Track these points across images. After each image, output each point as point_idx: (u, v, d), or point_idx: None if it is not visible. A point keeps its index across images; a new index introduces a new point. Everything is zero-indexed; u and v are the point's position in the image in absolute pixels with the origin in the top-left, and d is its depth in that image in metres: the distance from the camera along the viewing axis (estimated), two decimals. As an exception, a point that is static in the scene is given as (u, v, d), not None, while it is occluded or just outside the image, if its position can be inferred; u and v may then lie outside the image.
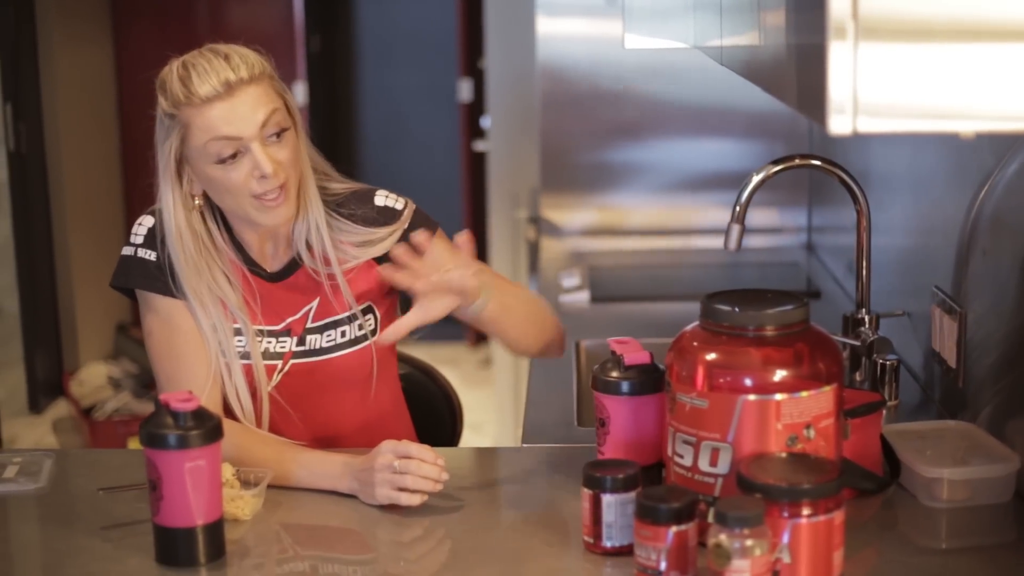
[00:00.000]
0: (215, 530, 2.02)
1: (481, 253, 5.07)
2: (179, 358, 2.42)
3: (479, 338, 7.49)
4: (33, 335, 6.61)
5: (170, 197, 2.42)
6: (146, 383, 6.46)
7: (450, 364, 7.03)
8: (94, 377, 6.54)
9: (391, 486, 2.18)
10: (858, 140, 3.34)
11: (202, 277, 2.42)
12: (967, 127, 1.46)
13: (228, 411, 2.44)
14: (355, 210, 2.52)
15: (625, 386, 2.14)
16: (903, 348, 2.86)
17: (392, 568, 2.08)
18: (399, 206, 2.54)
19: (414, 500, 2.18)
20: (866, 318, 2.83)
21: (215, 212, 2.47)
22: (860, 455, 2.15)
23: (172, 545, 2.01)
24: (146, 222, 2.48)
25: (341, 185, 2.55)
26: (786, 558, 1.81)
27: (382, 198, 2.54)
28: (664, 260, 4.26)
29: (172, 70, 2.41)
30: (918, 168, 2.86)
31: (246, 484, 2.21)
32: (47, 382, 6.72)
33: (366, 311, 2.54)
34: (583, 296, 3.73)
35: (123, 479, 2.33)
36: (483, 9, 5.48)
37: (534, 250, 4.63)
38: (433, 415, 2.97)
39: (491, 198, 5.51)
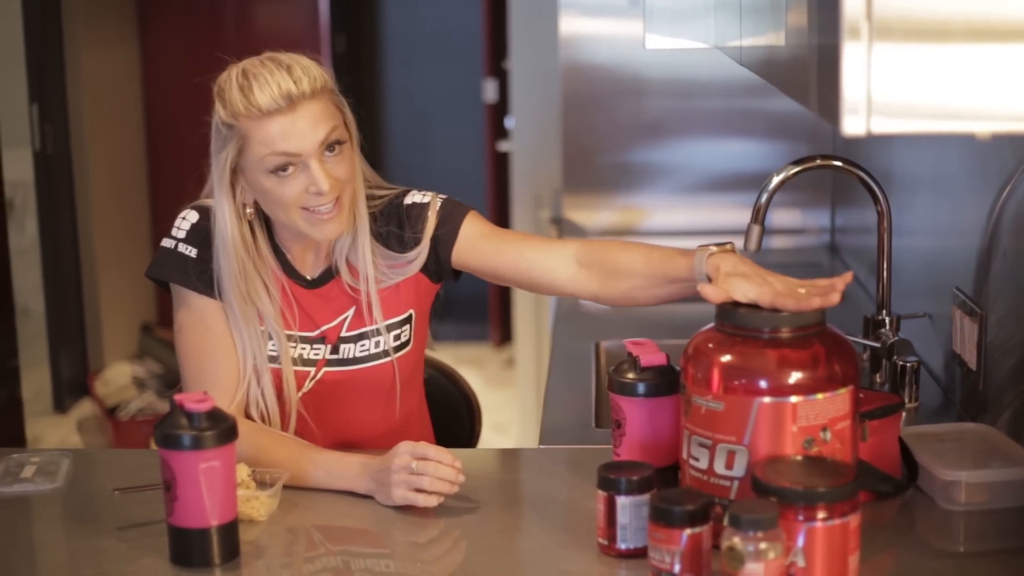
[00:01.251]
0: (230, 531, 2.02)
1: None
2: (208, 358, 2.42)
3: (503, 339, 7.49)
4: (58, 335, 6.63)
5: (225, 206, 2.38)
6: (170, 383, 6.47)
7: (474, 365, 7.03)
8: (119, 377, 6.56)
9: (408, 487, 2.17)
10: (881, 141, 3.33)
11: (243, 285, 2.40)
12: (982, 127, 1.45)
13: (252, 416, 2.44)
14: (391, 224, 2.49)
15: (641, 387, 2.13)
16: (924, 350, 2.85)
17: (408, 569, 2.07)
18: (426, 200, 2.51)
19: (431, 501, 2.18)
20: (886, 320, 2.82)
21: (261, 218, 2.44)
22: (878, 457, 2.14)
23: (186, 546, 2.01)
24: (190, 217, 2.45)
25: (380, 191, 2.53)
26: (800, 562, 1.80)
27: (410, 197, 2.52)
28: (686, 261, 4.23)
29: (231, 78, 2.36)
30: (940, 169, 2.84)
31: (262, 485, 2.21)
32: (72, 382, 6.74)
33: (404, 321, 2.52)
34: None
35: (140, 479, 2.33)
36: (507, 9, 5.48)
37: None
38: (452, 416, 2.97)
39: (514, 198, 5.50)
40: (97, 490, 2.39)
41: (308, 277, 2.49)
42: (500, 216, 6.90)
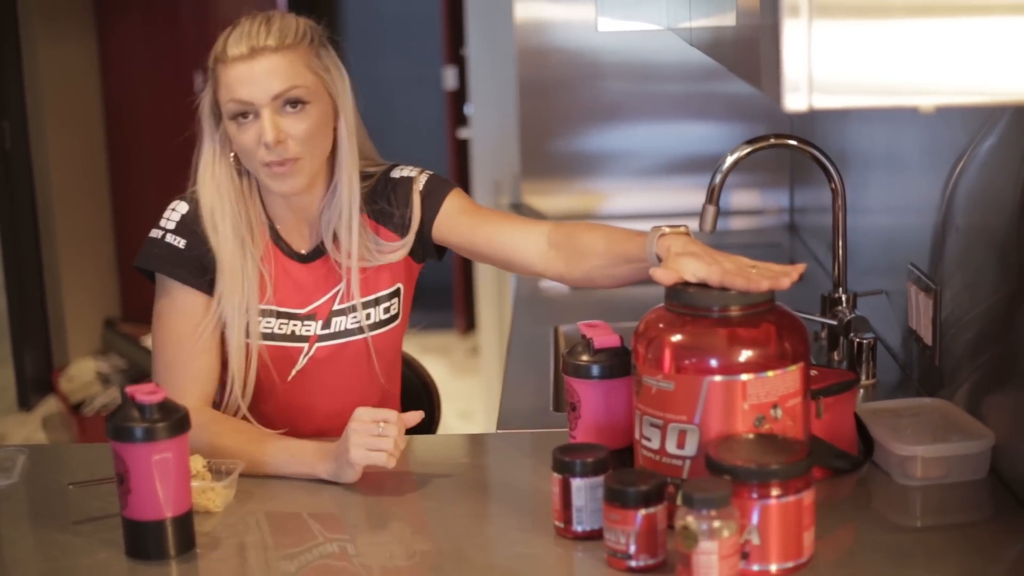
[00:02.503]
0: (184, 522, 2.01)
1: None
2: (182, 347, 2.44)
3: (468, 326, 7.48)
4: (21, 333, 6.60)
5: (206, 146, 2.46)
6: (135, 378, 6.45)
7: (440, 353, 7.03)
8: (83, 373, 6.54)
9: (367, 446, 2.19)
10: (835, 121, 3.33)
11: (227, 223, 2.44)
12: (924, 101, 1.45)
13: (236, 394, 2.47)
14: (381, 202, 2.55)
15: (595, 370, 2.13)
16: (881, 327, 2.86)
17: (368, 554, 2.07)
18: (411, 175, 2.57)
19: (391, 462, 2.19)
20: (843, 297, 2.83)
21: (254, 185, 2.50)
22: (833, 434, 2.14)
23: (141, 538, 2.00)
24: (180, 208, 2.49)
25: (372, 168, 2.58)
26: (755, 539, 1.80)
27: (398, 171, 2.59)
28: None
29: (228, 28, 2.43)
30: (894, 147, 2.85)
31: (217, 475, 2.20)
32: (36, 379, 6.71)
33: (393, 294, 2.57)
34: (563, 281, 3.72)
35: (97, 473, 2.32)
36: (464, -5, 5.47)
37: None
38: (413, 403, 2.96)
39: (475, 185, 5.49)
40: (53, 485, 2.38)
41: (300, 252, 2.52)
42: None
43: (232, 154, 2.45)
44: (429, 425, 2.98)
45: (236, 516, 2.16)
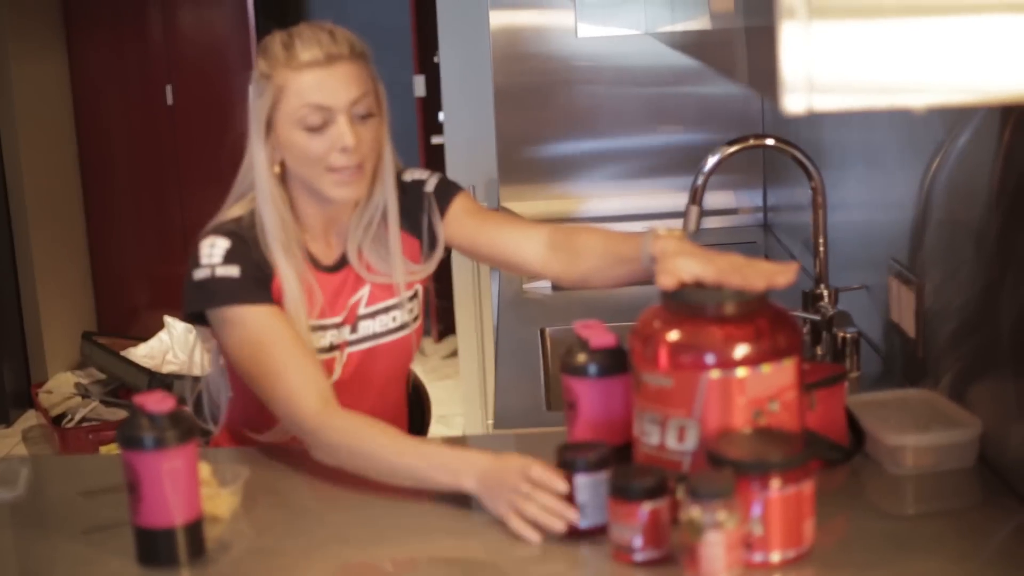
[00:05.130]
0: (195, 529, 2.04)
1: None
2: (283, 364, 2.34)
3: (443, 333, 7.52)
4: (-2, 347, 6.62)
5: (261, 155, 2.44)
6: (114, 390, 6.46)
7: (416, 358, 7.05)
8: (62, 386, 6.54)
9: (511, 507, 2.08)
10: (810, 119, 3.38)
11: (284, 234, 2.44)
12: (919, 101, 1.46)
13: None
14: (402, 204, 2.59)
15: (592, 368, 2.17)
16: (863, 321, 2.90)
17: (370, 559, 2.10)
18: (423, 177, 2.65)
19: (532, 536, 2.05)
20: (825, 293, 2.87)
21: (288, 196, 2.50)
22: (825, 426, 2.19)
23: (153, 546, 2.03)
24: (220, 243, 2.41)
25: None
26: (758, 530, 1.85)
27: (408, 174, 2.65)
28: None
29: (275, 37, 2.44)
30: (870, 143, 2.89)
31: (223, 482, 2.23)
32: (15, 393, 6.72)
33: (413, 296, 2.62)
34: (545, 284, 3.76)
35: (100, 483, 2.35)
36: (436, 3, 5.49)
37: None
38: (407, 405, 2.99)
39: (451, 191, 5.51)
40: (59, 496, 2.40)
41: (326, 263, 2.54)
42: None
43: (276, 168, 2.45)
44: (420, 428, 3.02)
45: (243, 522, 2.19)
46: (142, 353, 6.64)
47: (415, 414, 2.99)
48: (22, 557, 2.19)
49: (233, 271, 2.38)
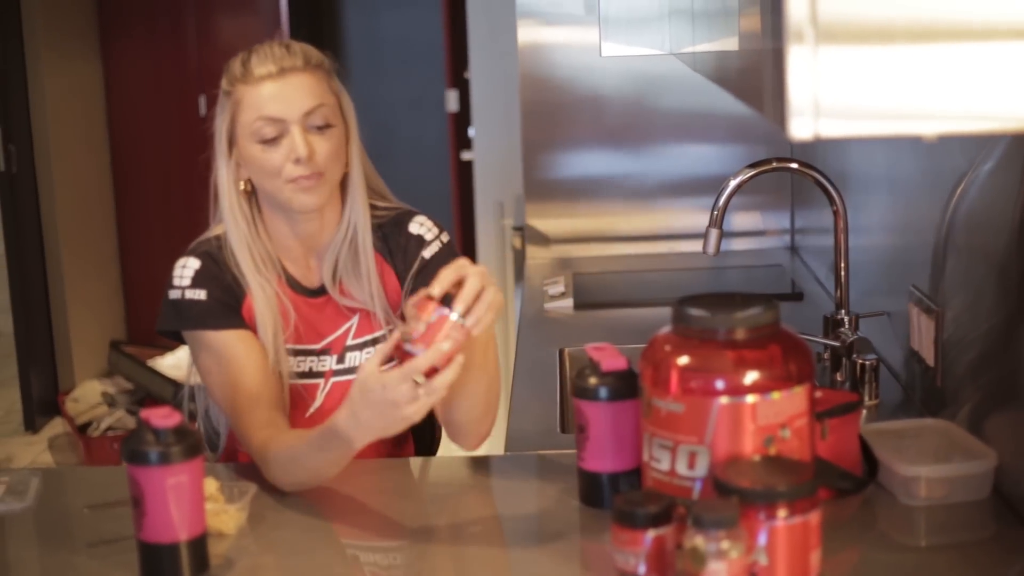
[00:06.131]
0: (199, 545, 2.03)
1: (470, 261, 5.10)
2: (242, 388, 2.40)
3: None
4: (27, 354, 6.64)
5: (224, 173, 2.48)
6: (140, 400, 6.47)
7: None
8: (89, 395, 6.56)
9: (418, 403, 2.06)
10: (836, 143, 3.36)
11: (254, 252, 2.46)
12: (929, 128, 1.45)
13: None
14: (389, 243, 2.55)
15: (603, 392, 2.16)
16: (883, 348, 2.88)
17: (376, 578, 2.09)
18: (429, 237, 2.57)
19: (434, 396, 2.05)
20: (845, 319, 2.85)
21: (260, 218, 2.51)
22: (838, 455, 2.17)
23: (156, 561, 2.02)
24: (191, 264, 2.48)
25: (385, 204, 2.59)
26: (763, 560, 1.82)
27: (416, 226, 2.58)
28: (648, 265, 4.27)
29: (238, 57, 2.46)
30: (895, 169, 2.87)
31: (230, 498, 2.22)
32: (42, 401, 6.74)
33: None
34: (567, 303, 3.75)
35: (110, 496, 2.34)
36: (467, 19, 5.50)
37: (520, 258, 4.65)
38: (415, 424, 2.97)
39: (478, 207, 5.52)
40: (67, 508, 2.40)
41: (309, 287, 2.53)
42: (465, 225, 6.91)
43: (240, 183, 2.47)
44: (431, 446, 2.99)
45: (249, 538, 2.18)
46: (169, 363, 6.66)
47: (425, 433, 2.97)
48: (27, 569, 2.18)
49: (200, 295, 2.44)
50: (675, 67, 4.17)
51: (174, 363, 6.65)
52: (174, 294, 2.46)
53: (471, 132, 5.94)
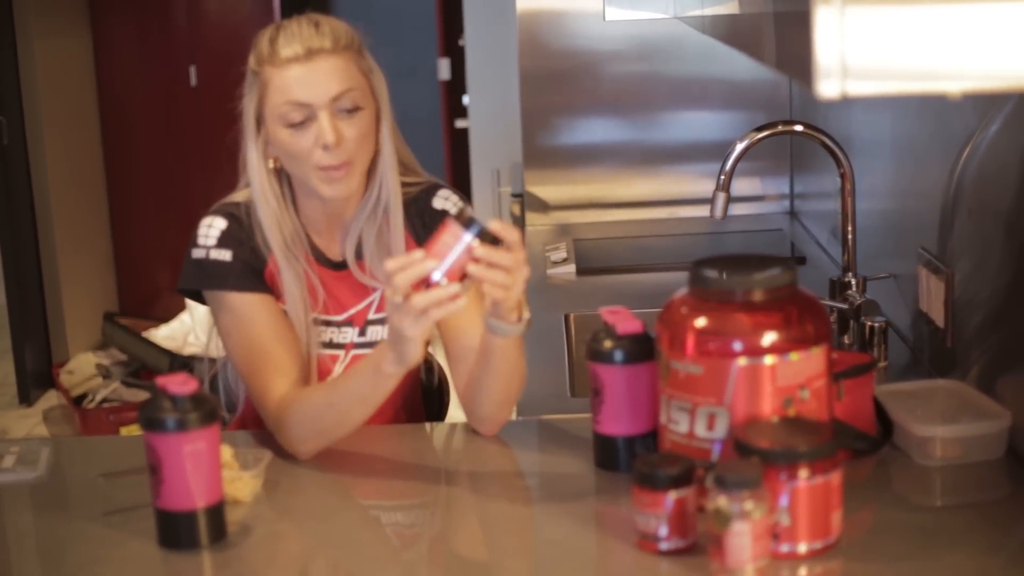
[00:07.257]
0: (216, 512, 2.03)
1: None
2: (261, 350, 2.40)
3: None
4: (21, 327, 6.62)
5: (254, 153, 2.43)
6: (135, 371, 6.47)
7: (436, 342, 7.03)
8: (83, 367, 6.54)
9: (420, 323, 2.07)
10: (839, 106, 3.36)
11: (284, 232, 2.43)
12: (954, 87, 1.46)
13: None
14: (413, 219, 2.53)
15: (618, 355, 2.16)
16: (891, 310, 2.88)
17: (395, 545, 2.09)
18: (455, 212, 2.52)
19: (456, 304, 2.07)
20: (853, 281, 2.85)
21: (289, 191, 2.48)
22: (853, 416, 2.17)
23: (174, 528, 2.02)
24: (218, 223, 2.44)
25: (413, 179, 2.56)
26: (785, 520, 1.83)
27: (441, 200, 2.56)
28: (648, 231, 4.27)
29: (265, 32, 2.42)
30: (900, 131, 2.87)
31: (245, 465, 2.22)
32: (37, 373, 6.73)
33: None
34: (570, 269, 3.75)
35: (120, 465, 2.34)
36: (460, -13, 5.49)
37: (520, 225, 4.64)
38: (420, 389, 2.98)
39: (474, 175, 5.51)
40: (79, 477, 2.40)
41: (334, 259, 2.51)
42: (461, 193, 6.89)
43: (270, 161, 2.44)
44: (439, 411, 3.00)
45: (265, 505, 2.18)
46: (163, 334, 6.65)
47: (433, 399, 2.97)
48: (42, 538, 2.18)
49: (226, 255, 2.42)
50: (674, 32, 4.16)
51: (168, 334, 6.64)
52: (198, 253, 2.43)
53: (465, 100, 5.93)
